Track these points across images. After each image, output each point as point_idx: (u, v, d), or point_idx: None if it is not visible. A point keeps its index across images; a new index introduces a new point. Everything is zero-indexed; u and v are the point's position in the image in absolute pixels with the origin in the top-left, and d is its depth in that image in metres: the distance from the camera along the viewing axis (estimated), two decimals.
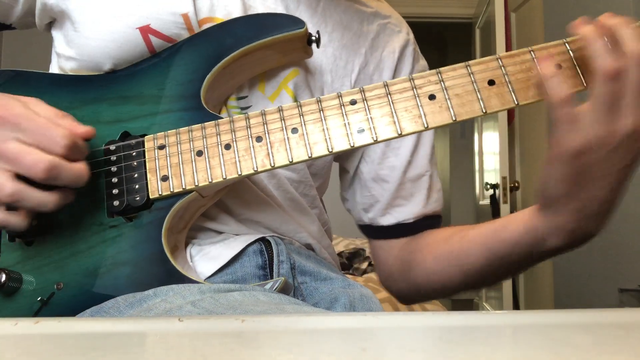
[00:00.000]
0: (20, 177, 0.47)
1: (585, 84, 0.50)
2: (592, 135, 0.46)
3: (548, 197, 0.52)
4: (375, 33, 0.70)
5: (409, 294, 0.72)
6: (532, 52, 0.52)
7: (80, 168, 0.49)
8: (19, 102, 0.49)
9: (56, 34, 0.64)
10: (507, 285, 2.71)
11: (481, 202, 3.37)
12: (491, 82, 0.51)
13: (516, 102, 0.50)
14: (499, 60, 0.52)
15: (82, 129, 0.51)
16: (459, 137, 4.94)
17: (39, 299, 0.52)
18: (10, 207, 0.48)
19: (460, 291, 0.66)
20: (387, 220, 0.71)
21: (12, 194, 0.46)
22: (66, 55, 0.61)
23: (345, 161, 0.74)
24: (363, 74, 0.68)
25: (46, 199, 0.48)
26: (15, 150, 0.46)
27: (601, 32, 0.48)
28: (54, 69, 0.66)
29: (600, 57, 0.46)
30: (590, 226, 0.52)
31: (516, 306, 2.88)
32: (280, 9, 0.63)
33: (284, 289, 0.55)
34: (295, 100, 0.62)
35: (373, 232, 0.73)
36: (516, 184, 3.05)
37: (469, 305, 3.99)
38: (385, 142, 0.69)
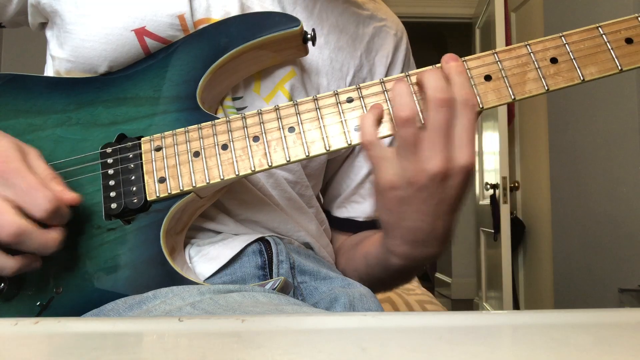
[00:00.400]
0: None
1: (582, 78, 0.50)
2: (399, 174, 0.49)
3: (381, 223, 0.56)
4: (370, 36, 0.71)
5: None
6: (528, 47, 0.51)
7: (51, 237, 0.48)
8: (19, 154, 0.48)
9: (50, 36, 0.64)
10: (507, 285, 2.71)
11: (481, 202, 3.37)
12: (488, 78, 0.51)
13: (513, 97, 0.50)
14: (496, 55, 0.52)
15: (69, 196, 0.49)
16: None
17: (38, 303, 0.52)
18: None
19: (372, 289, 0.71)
20: (341, 212, 0.75)
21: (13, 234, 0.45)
22: (60, 57, 0.61)
23: (338, 155, 0.75)
24: (357, 76, 0.69)
25: (4, 264, 0.47)
26: None
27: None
28: (48, 70, 0.66)
29: (395, 104, 0.49)
30: (420, 251, 0.55)
31: (516, 306, 2.88)
32: (276, 10, 0.63)
33: (284, 289, 0.55)
34: (291, 101, 0.62)
35: (329, 220, 0.76)
36: (516, 184, 3.05)
37: (469, 305, 3.99)
38: None
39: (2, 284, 0.51)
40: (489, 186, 2.96)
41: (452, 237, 0.55)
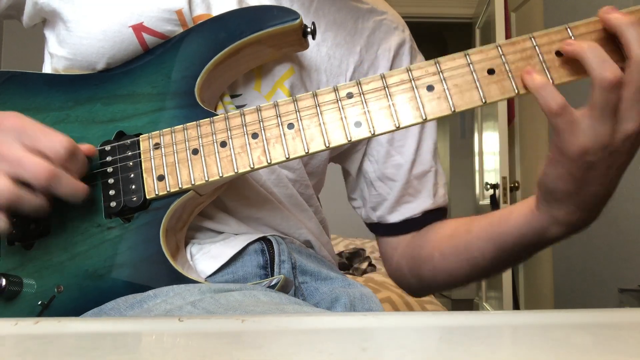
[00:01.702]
0: (20, 183, 0.47)
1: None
2: (591, 139, 0.47)
3: (548, 194, 0.53)
4: (370, 30, 0.70)
5: (419, 289, 0.74)
6: (532, 39, 0.50)
7: (79, 184, 0.50)
8: (19, 114, 0.51)
9: (48, 34, 0.64)
10: (507, 285, 2.71)
11: (481, 202, 3.37)
12: (491, 71, 0.50)
13: (516, 91, 0.49)
14: (499, 48, 0.50)
15: (84, 146, 0.52)
16: (459, 137, 4.94)
17: (39, 302, 0.52)
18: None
19: (467, 283, 0.68)
20: (395, 217, 0.72)
21: (10, 197, 0.46)
22: (59, 54, 0.61)
23: (346, 161, 0.74)
24: (358, 72, 0.68)
25: (43, 204, 0.49)
26: (17, 155, 0.47)
27: (597, 38, 0.48)
28: (46, 68, 0.66)
29: (597, 68, 0.46)
30: (588, 217, 0.54)
31: (516, 306, 2.88)
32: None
33: (284, 287, 0.55)
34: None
35: (381, 229, 0.74)
36: (516, 184, 3.05)
37: (469, 305, 3.99)
38: (389, 140, 0.70)
39: (4, 283, 0.51)
40: (489, 186, 2.96)
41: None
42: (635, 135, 0.47)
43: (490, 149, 3.16)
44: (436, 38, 4.74)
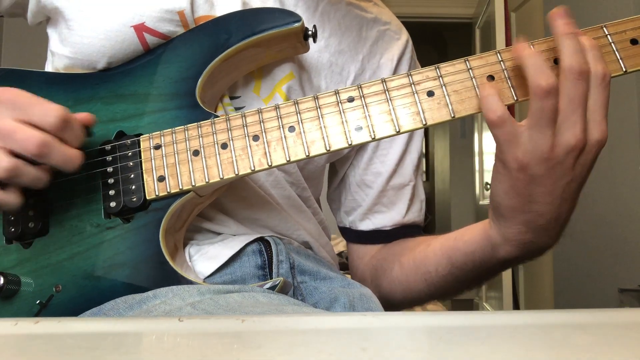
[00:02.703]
0: (15, 155, 0.47)
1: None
2: (531, 151, 0.47)
3: (497, 209, 0.52)
4: (373, 39, 0.70)
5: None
6: (531, 47, 0.50)
7: (73, 151, 0.49)
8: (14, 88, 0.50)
9: (51, 32, 0.64)
10: (507, 285, 2.71)
11: (481, 202, 3.37)
12: (490, 78, 0.50)
13: (515, 99, 0.49)
14: (498, 54, 0.51)
15: (81, 114, 0.52)
16: (459, 137, 4.94)
17: (37, 302, 0.52)
18: (2, 185, 0.49)
19: (423, 301, 0.68)
20: (366, 225, 0.72)
21: (9, 169, 0.47)
22: (60, 53, 0.61)
23: (340, 162, 0.74)
24: (358, 80, 0.68)
25: (41, 175, 0.49)
26: (8, 127, 0.47)
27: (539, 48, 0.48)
28: (48, 67, 0.66)
29: (532, 75, 0.46)
30: (541, 239, 0.52)
31: (516, 306, 2.88)
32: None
33: (283, 289, 0.55)
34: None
35: (352, 235, 0.74)
36: None
37: (469, 305, 3.99)
38: (374, 147, 0.71)
39: (1, 282, 0.51)
40: (489, 186, 2.96)
41: (564, 229, 0.53)
42: (578, 150, 0.46)
43: (490, 149, 3.16)
44: (436, 38, 4.74)
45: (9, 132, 0.46)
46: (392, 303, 0.70)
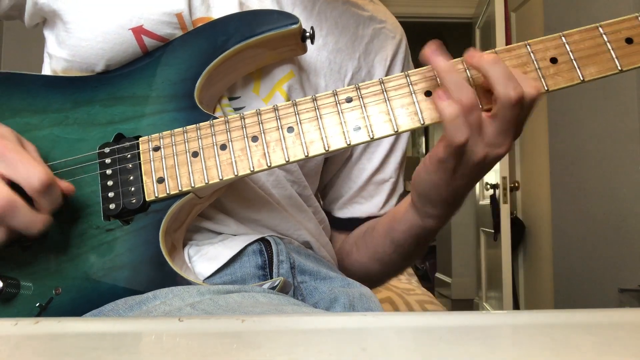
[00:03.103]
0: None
1: (582, 78, 0.50)
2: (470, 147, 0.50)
3: (423, 197, 0.58)
4: (369, 38, 0.71)
5: None
6: (528, 46, 0.51)
7: (39, 218, 0.48)
8: (16, 139, 0.50)
9: (48, 34, 0.64)
10: (507, 285, 2.71)
11: (481, 202, 3.37)
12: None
13: None
14: (496, 54, 0.51)
15: (64, 184, 0.50)
16: None
17: (37, 304, 0.51)
18: None
19: (383, 281, 0.75)
20: (343, 213, 0.75)
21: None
22: (57, 56, 0.61)
23: (333, 158, 0.75)
24: (355, 78, 0.68)
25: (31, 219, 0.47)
26: None
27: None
28: (46, 69, 0.66)
29: (454, 91, 0.49)
30: (454, 210, 0.59)
31: (516, 306, 2.88)
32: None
33: (283, 289, 0.55)
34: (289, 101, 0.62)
35: (330, 221, 0.77)
36: (516, 184, 3.05)
37: (469, 305, 3.99)
38: (364, 145, 0.72)
39: (0, 285, 0.51)
40: (489, 186, 2.96)
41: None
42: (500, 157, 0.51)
43: None
44: (436, 38, 4.74)
45: None
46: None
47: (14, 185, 0.47)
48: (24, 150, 0.49)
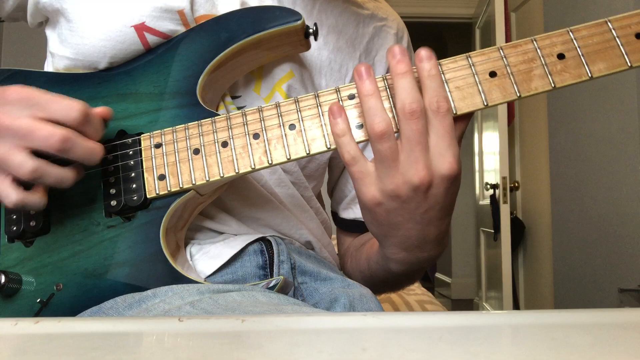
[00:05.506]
0: (37, 154, 0.47)
1: (590, 75, 0.48)
2: (380, 189, 0.48)
3: (373, 234, 0.56)
4: (370, 36, 0.70)
5: None
6: (535, 42, 0.50)
7: (95, 145, 0.50)
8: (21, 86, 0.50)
9: (50, 34, 0.64)
10: (507, 285, 2.71)
11: (481, 202, 3.37)
12: (492, 74, 0.49)
13: (518, 94, 0.49)
14: (501, 50, 0.50)
15: (99, 108, 0.52)
16: None
17: (38, 300, 0.52)
18: (26, 185, 0.48)
19: (377, 293, 0.72)
20: (347, 214, 0.75)
21: (34, 171, 0.47)
22: (60, 54, 0.61)
23: (336, 157, 0.75)
24: None
25: (65, 174, 0.49)
26: (27, 126, 0.46)
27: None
28: (48, 68, 0.66)
29: (367, 117, 0.47)
30: (419, 255, 0.54)
31: (516, 306, 2.88)
32: None
33: (283, 288, 0.55)
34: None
35: (335, 220, 0.78)
36: (516, 184, 3.05)
37: (469, 305, 3.99)
38: (366, 146, 0.71)
39: (3, 280, 0.51)
40: (489, 186, 2.96)
41: (447, 239, 0.55)
42: (425, 186, 0.47)
43: (490, 149, 3.17)
44: (436, 38, 4.74)
45: (28, 130, 0.46)
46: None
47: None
48: (45, 90, 0.49)
